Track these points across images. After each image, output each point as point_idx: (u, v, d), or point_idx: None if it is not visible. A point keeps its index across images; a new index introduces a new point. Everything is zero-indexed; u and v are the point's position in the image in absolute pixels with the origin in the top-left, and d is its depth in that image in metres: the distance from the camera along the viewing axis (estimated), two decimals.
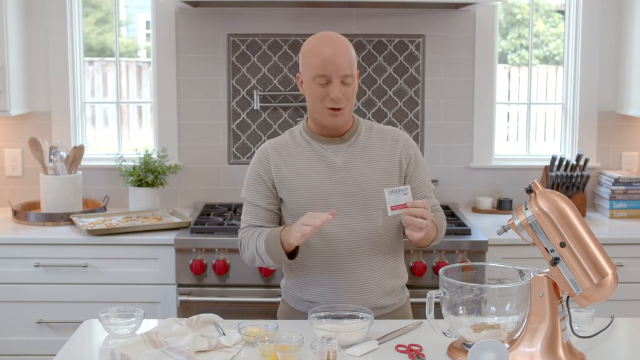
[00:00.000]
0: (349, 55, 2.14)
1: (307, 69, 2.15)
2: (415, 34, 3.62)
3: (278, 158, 2.22)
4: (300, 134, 2.27)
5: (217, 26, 3.61)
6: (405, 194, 2.02)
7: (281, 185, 2.21)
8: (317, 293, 2.20)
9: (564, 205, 1.80)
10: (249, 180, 2.27)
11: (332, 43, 2.13)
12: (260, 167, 2.24)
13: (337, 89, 2.12)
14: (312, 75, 2.13)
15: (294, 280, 2.26)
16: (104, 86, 4.27)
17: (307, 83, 2.17)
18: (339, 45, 2.14)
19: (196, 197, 3.70)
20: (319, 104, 2.15)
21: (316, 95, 2.14)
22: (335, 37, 2.16)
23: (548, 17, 4.73)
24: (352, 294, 2.17)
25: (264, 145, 2.28)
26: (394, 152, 2.24)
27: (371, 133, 2.26)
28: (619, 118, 3.73)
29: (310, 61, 2.14)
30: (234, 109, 3.65)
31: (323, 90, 2.13)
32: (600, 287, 1.76)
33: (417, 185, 2.25)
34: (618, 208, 3.52)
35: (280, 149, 2.24)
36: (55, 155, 3.39)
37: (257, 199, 2.24)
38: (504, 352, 1.70)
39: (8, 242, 3.09)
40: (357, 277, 2.18)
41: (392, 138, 2.26)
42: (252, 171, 2.26)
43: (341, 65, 2.11)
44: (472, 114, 3.69)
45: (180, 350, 1.82)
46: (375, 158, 2.22)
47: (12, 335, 3.13)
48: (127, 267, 3.10)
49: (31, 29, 3.57)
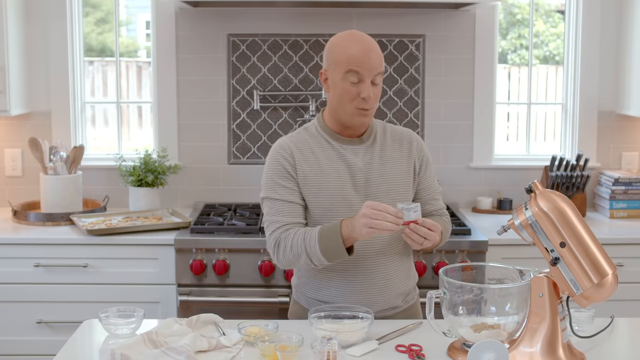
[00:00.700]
0: (380, 54, 2.12)
1: (336, 66, 2.10)
2: (415, 34, 3.62)
3: (300, 155, 2.17)
4: (317, 131, 2.21)
5: (217, 26, 3.61)
6: (416, 212, 2.00)
7: (304, 183, 2.16)
8: (333, 294, 2.18)
9: (564, 205, 1.80)
10: (272, 177, 2.17)
11: (362, 40, 2.10)
12: (285, 162, 2.16)
13: (368, 88, 2.09)
14: (342, 73, 2.09)
15: (308, 280, 2.23)
16: (104, 86, 4.27)
17: (335, 81, 2.12)
18: (371, 42, 2.11)
19: (196, 197, 3.70)
20: (348, 103, 2.11)
21: (346, 94, 2.10)
22: (364, 35, 2.13)
23: (548, 17, 4.73)
24: (369, 295, 2.17)
25: (283, 141, 2.21)
26: (409, 154, 2.23)
27: (385, 134, 2.25)
28: (619, 118, 3.73)
29: (340, 58, 2.09)
30: (234, 109, 3.65)
31: (354, 89, 2.09)
32: (600, 287, 1.76)
33: (426, 187, 2.25)
34: (618, 208, 3.51)
35: (301, 147, 2.18)
36: (55, 155, 3.39)
37: (286, 195, 2.15)
38: (504, 352, 1.70)
39: (8, 242, 3.09)
40: (374, 278, 2.17)
41: (407, 139, 2.25)
42: (275, 168, 2.17)
43: (374, 64, 2.08)
44: (472, 114, 3.69)
45: (180, 350, 1.82)
46: (392, 160, 2.21)
47: (12, 335, 3.13)
48: (127, 267, 3.10)
49: (31, 29, 3.57)
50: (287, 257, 2.11)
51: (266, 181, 2.19)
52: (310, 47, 3.62)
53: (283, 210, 2.15)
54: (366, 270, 2.16)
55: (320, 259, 2.05)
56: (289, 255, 2.10)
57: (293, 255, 2.09)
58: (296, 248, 2.07)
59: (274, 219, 2.15)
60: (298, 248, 2.07)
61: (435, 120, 3.67)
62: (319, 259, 2.05)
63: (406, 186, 2.20)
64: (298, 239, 2.08)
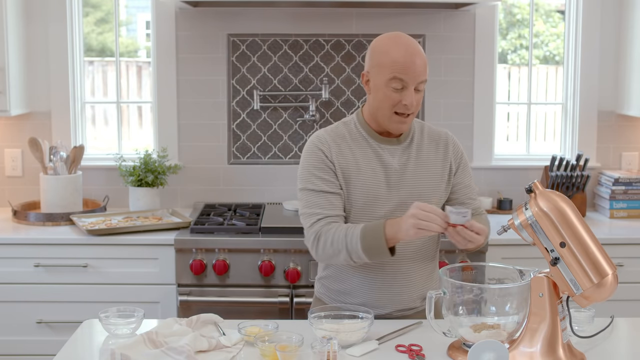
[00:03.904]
0: (425, 60, 2.10)
1: (381, 70, 2.08)
2: (415, 34, 3.62)
3: (337, 149, 2.16)
4: (355, 127, 2.20)
5: (217, 26, 3.61)
6: (465, 217, 1.98)
7: (341, 177, 2.15)
8: (357, 288, 2.19)
9: (564, 205, 1.80)
10: (311, 168, 2.15)
11: (408, 45, 2.08)
12: (323, 155, 2.14)
13: (411, 96, 2.08)
14: (387, 78, 2.07)
15: (334, 273, 2.23)
16: (104, 86, 4.27)
17: (378, 85, 2.10)
18: (418, 49, 2.09)
19: (196, 197, 3.70)
20: (389, 109, 2.10)
21: (388, 99, 2.09)
22: (411, 39, 2.11)
23: (548, 17, 4.73)
24: (390, 295, 2.18)
25: (320, 134, 2.19)
26: (445, 155, 2.23)
27: (423, 135, 2.24)
28: (619, 118, 3.73)
29: (385, 63, 2.07)
30: (234, 109, 3.65)
31: (397, 95, 2.08)
32: (600, 287, 1.76)
33: (462, 187, 2.26)
34: (618, 208, 3.51)
35: (338, 141, 2.17)
36: (55, 155, 3.39)
37: (324, 187, 2.12)
38: (504, 352, 1.70)
39: (8, 242, 3.09)
40: (398, 280, 2.18)
41: (443, 141, 2.25)
42: (314, 159, 2.15)
43: (419, 71, 2.07)
44: (472, 114, 3.69)
45: (180, 350, 1.82)
46: (428, 163, 2.21)
47: (12, 335, 3.13)
48: (127, 267, 3.10)
49: (31, 29, 3.57)
50: (326, 252, 2.09)
51: (303, 173, 2.17)
52: (310, 47, 3.62)
53: (321, 202, 2.12)
54: (389, 271, 2.17)
55: (361, 256, 2.04)
56: (328, 250, 2.08)
57: (333, 251, 2.07)
58: (337, 244, 2.06)
59: (313, 211, 2.13)
60: (339, 244, 2.06)
61: (435, 120, 3.67)
62: (359, 257, 2.04)
63: (438, 188, 2.21)
64: (339, 235, 2.06)
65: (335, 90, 3.64)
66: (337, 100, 3.65)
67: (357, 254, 2.04)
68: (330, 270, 2.25)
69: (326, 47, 3.62)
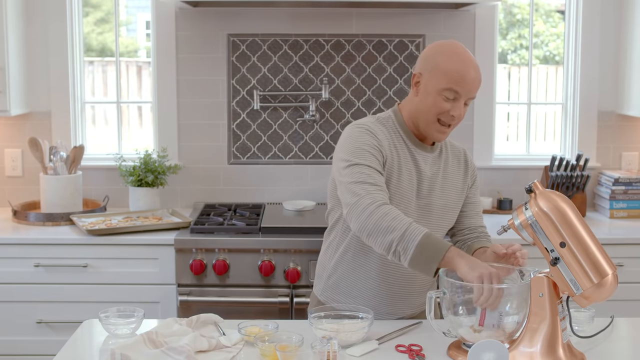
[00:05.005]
0: (481, 77, 2.09)
1: (437, 76, 2.06)
2: (415, 34, 3.62)
3: (386, 142, 2.12)
4: (394, 125, 2.16)
5: (217, 26, 3.61)
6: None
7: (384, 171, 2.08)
8: (362, 291, 2.19)
9: (564, 205, 1.81)
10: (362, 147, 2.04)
11: (470, 60, 2.06)
12: (375, 141, 2.07)
13: (461, 108, 2.08)
14: (441, 87, 2.05)
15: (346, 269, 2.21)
16: (104, 86, 4.27)
17: (430, 90, 2.08)
18: (477, 65, 2.08)
19: (196, 197, 3.70)
20: (434, 115, 2.08)
21: (436, 106, 2.07)
22: (468, 51, 2.10)
23: (548, 17, 4.73)
24: (396, 300, 2.20)
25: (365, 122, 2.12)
26: (466, 171, 2.26)
27: (447, 148, 2.25)
28: (619, 118, 3.73)
29: (443, 70, 2.05)
30: (234, 109, 3.65)
31: (446, 105, 2.06)
32: (600, 287, 1.76)
33: (474, 202, 2.29)
34: (618, 208, 3.51)
35: (381, 137, 2.11)
36: (55, 155, 3.39)
37: (379, 167, 2.04)
38: (504, 352, 1.70)
39: (8, 242, 3.09)
40: (407, 287, 2.20)
41: (463, 156, 2.28)
42: (366, 139, 2.06)
43: (475, 87, 2.07)
44: (472, 114, 3.69)
45: (180, 350, 1.82)
46: (452, 175, 2.22)
47: (12, 335, 3.13)
48: (127, 267, 3.10)
49: (31, 29, 3.57)
50: (382, 222, 1.90)
51: (354, 150, 2.04)
52: (310, 47, 3.62)
53: (377, 180, 2.01)
54: (400, 277, 2.18)
55: (407, 251, 1.88)
56: (385, 221, 1.90)
57: (387, 226, 1.90)
58: (398, 223, 1.90)
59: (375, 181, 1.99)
60: (401, 223, 1.89)
61: None
62: (405, 250, 1.88)
63: (459, 202, 2.23)
64: (404, 220, 1.91)
65: (335, 90, 3.64)
66: (337, 100, 3.65)
67: (406, 247, 1.88)
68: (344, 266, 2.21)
69: (326, 47, 3.62)
